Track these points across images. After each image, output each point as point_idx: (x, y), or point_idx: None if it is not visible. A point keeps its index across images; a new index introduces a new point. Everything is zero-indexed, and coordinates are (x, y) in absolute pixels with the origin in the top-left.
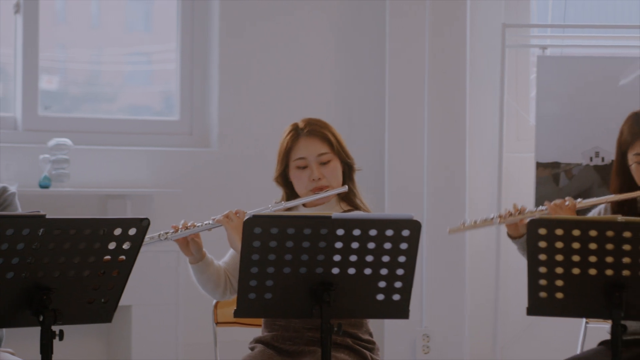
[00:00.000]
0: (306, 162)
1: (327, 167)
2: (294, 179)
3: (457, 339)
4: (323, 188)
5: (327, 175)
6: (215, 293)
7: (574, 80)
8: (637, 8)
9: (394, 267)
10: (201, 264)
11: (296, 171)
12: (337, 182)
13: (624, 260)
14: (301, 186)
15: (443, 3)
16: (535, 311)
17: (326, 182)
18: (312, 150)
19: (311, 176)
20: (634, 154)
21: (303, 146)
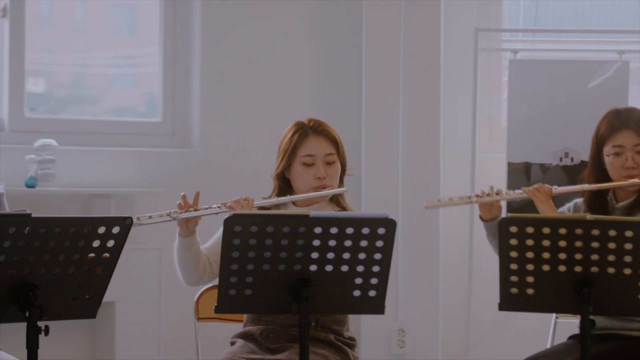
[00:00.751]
0: (314, 159)
1: (332, 167)
2: (297, 176)
3: (431, 334)
4: (325, 187)
5: (330, 175)
6: (192, 275)
7: (544, 83)
8: (605, 13)
9: (370, 264)
10: (191, 238)
11: (302, 167)
12: (336, 184)
13: (592, 257)
14: (304, 183)
15: (417, 8)
16: (506, 306)
17: (329, 182)
18: (321, 149)
19: (317, 174)
20: (612, 145)
21: (313, 144)
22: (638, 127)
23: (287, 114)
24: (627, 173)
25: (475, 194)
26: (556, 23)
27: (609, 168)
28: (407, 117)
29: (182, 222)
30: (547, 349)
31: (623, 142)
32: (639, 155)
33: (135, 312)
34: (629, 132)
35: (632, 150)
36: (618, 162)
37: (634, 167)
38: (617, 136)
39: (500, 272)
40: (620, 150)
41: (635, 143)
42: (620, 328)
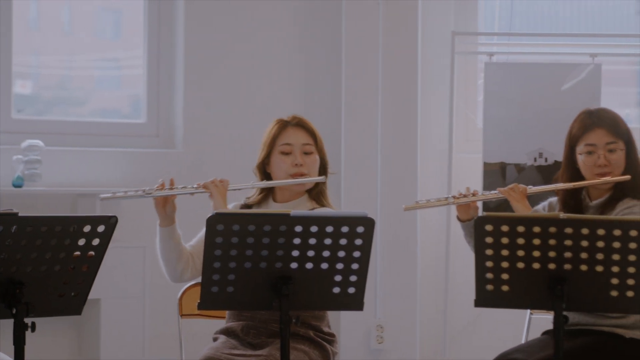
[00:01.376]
0: (291, 148)
1: (309, 157)
2: (275, 164)
3: (409, 330)
4: (303, 175)
5: (308, 164)
6: (176, 267)
7: (519, 85)
8: (578, 17)
9: (349, 261)
10: (171, 228)
11: (280, 156)
12: (315, 174)
13: (565, 255)
14: (282, 170)
15: (395, 12)
16: (482, 303)
17: (306, 170)
18: (298, 139)
19: (294, 161)
20: (584, 144)
21: (291, 134)
22: (609, 127)
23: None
24: (600, 171)
25: (452, 195)
26: (531, 27)
27: (582, 167)
28: (385, 118)
29: (159, 206)
30: (522, 344)
31: (595, 140)
32: (610, 154)
33: (120, 308)
34: (601, 131)
35: (604, 149)
36: (590, 160)
37: (606, 165)
38: (589, 135)
39: (476, 270)
40: (592, 149)
41: (607, 142)
42: (593, 324)
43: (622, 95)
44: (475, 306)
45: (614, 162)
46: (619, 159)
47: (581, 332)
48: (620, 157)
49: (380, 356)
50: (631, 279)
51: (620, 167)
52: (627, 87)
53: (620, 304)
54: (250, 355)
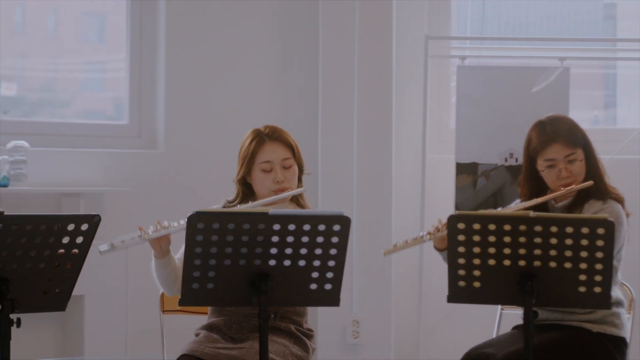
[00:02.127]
0: (272, 165)
1: (289, 171)
2: (257, 181)
3: (384, 325)
4: (284, 190)
5: (288, 178)
6: (173, 287)
7: (490, 87)
8: (548, 22)
9: (326, 259)
10: (167, 259)
11: (260, 173)
12: (295, 185)
13: (535, 252)
14: (264, 187)
15: (370, 17)
16: (454, 299)
17: (287, 184)
18: (278, 155)
19: (275, 178)
20: (544, 159)
21: (269, 150)
22: (566, 139)
23: (248, 117)
24: (563, 182)
25: (427, 232)
26: (502, 31)
27: (546, 179)
28: (361, 120)
29: (155, 244)
30: (493, 339)
31: (554, 155)
32: (570, 164)
33: (103, 304)
34: (558, 146)
35: (563, 162)
36: (552, 174)
37: (568, 177)
38: (548, 151)
39: (449, 267)
40: (552, 163)
41: (566, 155)
42: (562, 319)
43: (590, 97)
44: (448, 302)
45: (575, 172)
46: (580, 167)
47: (550, 327)
48: (581, 165)
49: (356, 351)
50: (598, 276)
51: (582, 174)
52: (594, 89)
53: (588, 300)
54: (232, 348)
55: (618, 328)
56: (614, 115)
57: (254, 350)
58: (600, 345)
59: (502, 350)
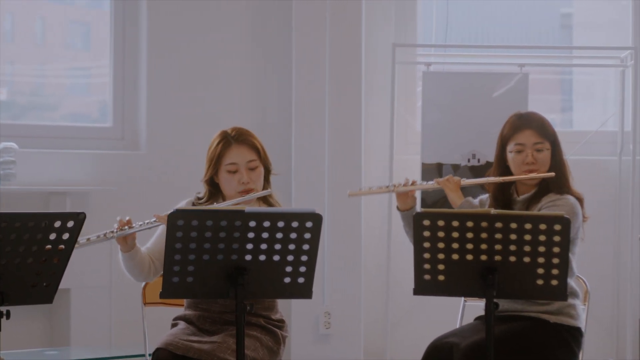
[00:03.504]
0: (237, 167)
1: (255, 172)
2: (223, 182)
3: (354, 316)
4: (250, 191)
5: (254, 180)
6: (140, 276)
7: (454, 92)
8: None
9: (299, 254)
10: (132, 252)
11: (227, 175)
12: (260, 186)
13: (496, 247)
14: (230, 188)
15: (341, 26)
16: (420, 291)
17: (253, 186)
18: (243, 157)
19: (241, 180)
20: (514, 144)
21: (235, 153)
22: (537, 128)
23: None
24: (528, 168)
25: (393, 184)
26: (465, 39)
27: (512, 164)
28: (332, 123)
29: (120, 241)
30: (456, 329)
31: (524, 140)
32: (538, 153)
33: (89, 297)
34: (530, 132)
35: (531, 148)
36: (519, 158)
37: (533, 163)
38: (519, 135)
39: (415, 261)
40: (521, 148)
41: (535, 142)
42: (521, 310)
43: (548, 102)
44: (414, 294)
45: (540, 160)
46: (545, 157)
47: (510, 318)
48: (546, 156)
49: (327, 340)
50: (555, 269)
51: (546, 165)
52: (552, 94)
53: (546, 292)
54: (205, 342)
55: (574, 319)
56: (570, 118)
57: (226, 344)
58: (558, 335)
59: (465, 340)
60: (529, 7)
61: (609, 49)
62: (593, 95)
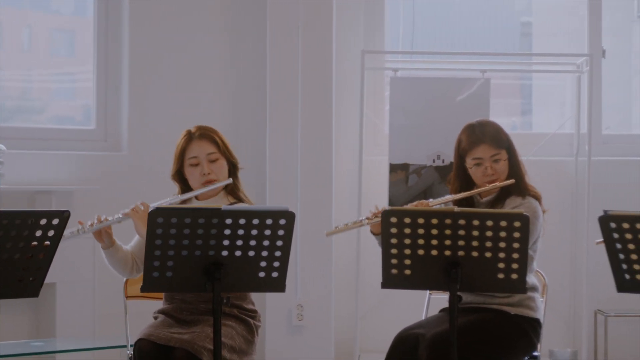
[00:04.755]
0: (198, 160)
1: (215, 164)
2: (188, 175)
3: (325, 308)
4: (212, 181)
5: (215, 171)
6: (123, 272)
7: (420, 96)
8: (471, 37)
9: (273, 249)
10: (112, 249)
11: (190, 168)
12: (223, 177)
13: (459, 243)
14: (194, 180)
15: (313, 34)
16: (388, 285)
17: (214, 177)
18: (203, 150)
19: (202, 171)
20: (472, 158)
21: (195, 147)
22: (492, 140)
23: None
24: (488, 179)
25: (366, 217)
26: (430, 46)
27: (473, 175)
28: (305, 125)
29: (97, 237)
30: (422, 320)
31: (481, 154)
32: (495, 164)
33: (73, 291)
34: (485, 146)
35: (489, 161)
36: (479, 171)
37: (492, 174)
38: (476, 150)
39: (383, 256)
40: (479, 162)
41: (491, 154)
42: (483, 302)
43: (508, 106)
44: (382, 288)
45: (499, 170)
46: (503, 166)
47: (473, 310)
48: (504, 164)
49: (300, 331)
50: (515, 264)
51: (505, 173)
52: (512, 98)
53: (506, 285)
54: (185, 333)
55: (533, 310)
56: (530, 121)
57: (204, 334)
58: (517, 326)
59: (431, 331)
60: (491, 16)
61: (566, 55)
62: (551, 100)
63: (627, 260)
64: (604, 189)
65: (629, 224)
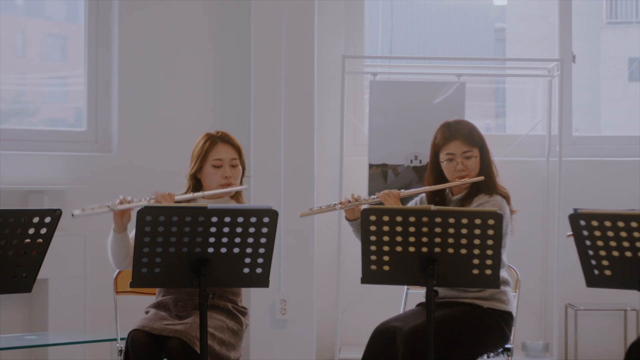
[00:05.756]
0: (222, 162)
1: (235, 169)
2: (207, 175)
3: (308, 303)
4: (230, 184)
5: (234, 176)
6: (122, 262)
7: (398, 99)
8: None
9: (257, 246)
10: (124, 234)
11: (212, 169)
12: (238, 183)
13: (435, 240)
14: (213, 181)
15: (296, 39)
16: (367, 280)
17: (233, 181)
18: (228, 154)
19: (224, 174)
20: (445, 153)
21: (221, 150)
22: (465, 138)
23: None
24: (459, 174)
25: (339, 201)
26: (408, 51)
27: (445, 170)
28: (288, 127)
29: (117, 218)
30: (400, 314)
31: (453, 150)
32: (467, 160)
33: (65, 287)
34: (458, 142)
35: (461, 157)
36: (451, 166)
37: (463, 170)
38: (449, 145)
39: (362, 253)
40: (452, 157)
41: (464, 151)
42: (458, 297)
43: (483, 108)
44: (361, 283)
45: (470, 167)
46: (474, 163)
47: (448, 304)
48: (475, 162)
49: (283, 325)
50: (489, 260)
51: (476, 170)
52: (486, 102)
53: (480, 280)
54: (177, 324)
55: (505, 304)
56: (503, 123)
57: (196, 325)
58: (491, 319)
59: (408, 324)
60: (466, 23)
61: (538, 60)
62: (523, 103)
63: (596, 256)
64: (574, 188)
65: (598, 221)
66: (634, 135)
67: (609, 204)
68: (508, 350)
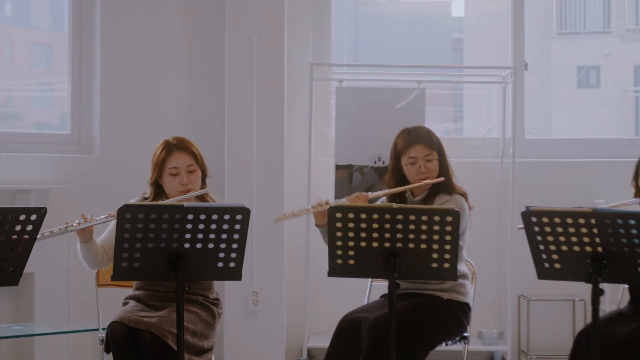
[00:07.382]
0: (178, 170)
1: (193, 175)
2: (166, 183)
3: (278, 295)
4: (189, 190)
5: (192, 181)
6: (93, 265)
7: (362, 105)
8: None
9: (230, 242)
10: (90, 243)
11: (169, 177)
12: (198, 186)
13: (397, 236)
14: (172, 188)
15: (266, 48)
16: (333, 273)
17: (192, 186)
18: (183, 162)
19: (182, 181)
20: (408, 157)
21: (176, 158)
22: (426, 142)
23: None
24: (421, 177)
25: (311, 205)
26: (372, 59)
27: (407, 173)
28: (259, 130)
29: (79, 233)
30: (364, 305)
31: (415, 154)
32: (428, 163)
33: (50, 280)
34: (420, 146)
35: (423, 160)
36: (413, 169)
37: (425, 172)
38: (411, 150)
39: (329, 248)
40: (414, 161)
41: (425, 154)
42: (419, 288)
43: (442, 113)
44: (328, 276)
45: (431, 169)
46: (434, 165)
47: (410, 295)
48: (435, 164)
49: (255, 316)
50: (447, 254)
51: (436, 172)
52: (445, 107)
53: (439, 273)
54: (153, 317)
55: (463, 295)
56: (461, 127)
57: (170, 319)
58: (449, 309)
59: (372, 315)
60: (426, 33)
61: (493, 68)
62: (479, 108)
63: (546, 250)
64: (527, 187)
65: (548, 218)
66: (582, 138)
67: (558, 202)
68: (465, 338)
